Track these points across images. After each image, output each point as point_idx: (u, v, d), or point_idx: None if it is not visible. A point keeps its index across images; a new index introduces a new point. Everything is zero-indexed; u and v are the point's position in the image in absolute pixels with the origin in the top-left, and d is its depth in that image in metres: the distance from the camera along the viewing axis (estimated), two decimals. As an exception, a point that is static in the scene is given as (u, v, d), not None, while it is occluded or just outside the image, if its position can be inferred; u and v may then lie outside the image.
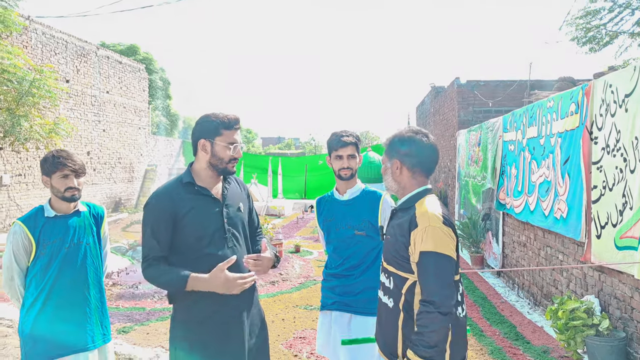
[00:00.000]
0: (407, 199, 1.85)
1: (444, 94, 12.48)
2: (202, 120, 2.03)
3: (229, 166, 2.03)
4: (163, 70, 24.54)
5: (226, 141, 1.99)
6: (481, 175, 8.30)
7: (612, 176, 4.04)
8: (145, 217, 1.99)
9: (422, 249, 1.68)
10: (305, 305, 5.63)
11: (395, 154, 1.85)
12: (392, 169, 1.87)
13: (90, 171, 14.23)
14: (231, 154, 2.01)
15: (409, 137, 1.86)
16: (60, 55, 12.66)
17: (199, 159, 2.04)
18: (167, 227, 1.94)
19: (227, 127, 1.99)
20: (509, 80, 9.75)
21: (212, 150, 1.99)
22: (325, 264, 2.71)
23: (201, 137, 2.00)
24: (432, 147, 1.87)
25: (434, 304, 1.63)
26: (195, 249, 1.96)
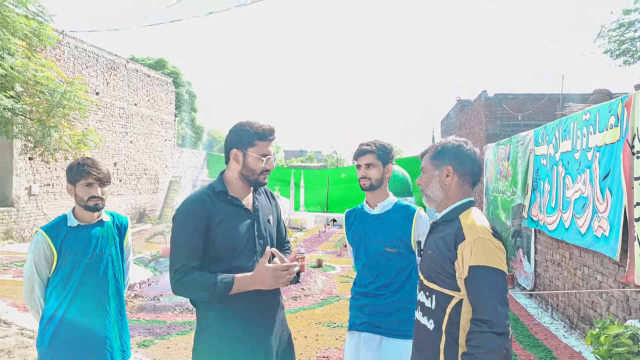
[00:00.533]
0: (450, 210, 1.74)
1: (471, 107, 12.25)
2: (236, 129, 1.97)
3: (260, 178, 1.97)
4: (190, 84, 24.98)
5: (259, 153, 1.93)
6: (511, 190, 8.03)
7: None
8: (178, 224, 1.90)
9: (472, 264, 1.56)
10: (328, 322, 5.47)
11: (448, 160, 1.76)
12: (440, 177, 1.77)
13: (116, 182, 14.46)
14: (263, 166, 1.95)
15: (459, 144, 1.78)
16: (91, 69, 13.00)
17: (231, 168, 1.98)
18: (202, 235, 1.87)
19: (261, 138, 1.94)
20: (539, 93, 9.50)
21: (244, 161, 1.94)
22: (354, 281, 2.56)
23: (234, 146, 1.95)
24: (479, 159, 1.80)
25: (488, 323, 1.50)
26: (224, 261, 1.88)
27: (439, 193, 1.77)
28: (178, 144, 21.13)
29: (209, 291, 1.80)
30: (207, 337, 1.91)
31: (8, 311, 5.43)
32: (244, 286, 1.83)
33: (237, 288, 1.82)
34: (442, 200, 1.77)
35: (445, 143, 1.80)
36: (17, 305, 5.64)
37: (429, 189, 1.79)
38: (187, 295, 1.89)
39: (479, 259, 1.55)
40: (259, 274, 1.84)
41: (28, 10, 7.83)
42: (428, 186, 1.79)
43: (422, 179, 1.82)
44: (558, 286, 5.88)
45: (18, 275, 7.41)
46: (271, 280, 1.84)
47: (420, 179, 1.83)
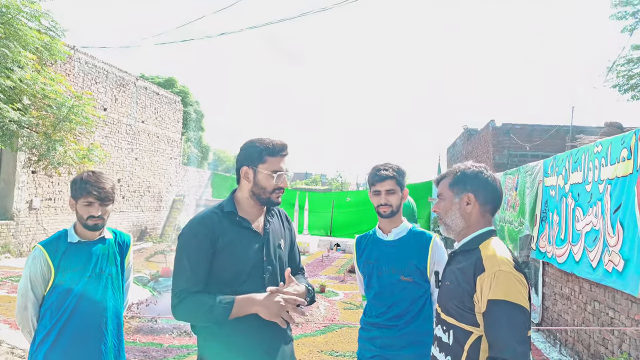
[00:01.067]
0: (470, 240, 1.64)
1: (478, 136, 12.23)
2: (246, 146, 1.89)
3: (272, 196, 1.87)
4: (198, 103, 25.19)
5: (270, 169, 1.84)
6: (518, 220, 7.91)
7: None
8: (182, 245, 1.81)
9: (490, 297, 1.46)
10: (330, 350, 5.29)
11: (468, 187, 1.67)
12: (460, 204, 1.67)
13: (119, 199, 14.40)
14: (275, 183, 1.85)
15: (479, 170, 1.69)
16: (100, 84, 13.12)
17: (242, 187, 1.89)
18: (206, 257, 1.77)
19: (272, 154, 1.85)
20: (548, 125, 9.47)
21: (255, 178, 1.85)
22: (364, 311, 2.44)
23: (244, 164, 1.87)
24: (500, 187, 1.72)
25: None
26: (229, 286, 1.77)
27: (459, 222, 1.67)
28: (183, 162, 21.16)
29: (208, 313, 1.69)
30: None
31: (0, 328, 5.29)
32: (245, 307, 1.71)
33: (237, 309, 1.70)
34: (461, 230, 1.67)
35: (465, 169, 1.71)
36: (9, 322, 5.49)
37: (448, 218, 1.70)
38: (187, 319, 1.80)
39: (499, 292, 1.45)
40: (265, 296, 1.72)
41: (41, 25, 7.93)
42: (447, 214, 1.70)
43: (440, 207, 1.72)
44: (567, 320, 5.70)
45: (13, 290, 7.27)
46: (277, 308, 1.70)
47: (438, 206, 1.74)
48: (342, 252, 15.02)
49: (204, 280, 1.77)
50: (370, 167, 2.44)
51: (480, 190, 1.65)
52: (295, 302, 1.74)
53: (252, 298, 1.72)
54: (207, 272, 1.77)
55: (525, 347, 1.42)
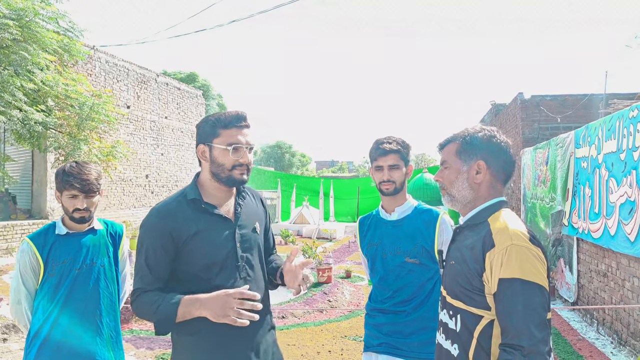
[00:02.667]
0: (477, 213, 1.45)
1: (506, 110, 11.78)
2: (201, 124, 1.70)
3: (234, 173, 1.64)
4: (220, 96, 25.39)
5: (225, 142, 1.62)
6: (549, 196, 7.57)
7: None
8: (140, 239, 1.64)
9: (502, 276, 1.28)
10: (354, 336, 5.21)
11: (479, 154, 1.46)
12: (469, 173, 1.47)
13: (148, 194, 14.69)
14: (233, 158, 1.62)
15: (491, 134, 1.48)
16: (122, 83, 13.32)
17: (203, 169, 1.71)
18: (167, 253, 1.60)
19: (226, 126, 1.63)
20: (580, 94, 8.98)
21: (211, 155, 1.65)
22: (369, 296, 2.29)
23: (199, 142, 1.69)
24: (512, 153, 1.51)
25: (522, 350, 1.22)
26: (201, 280, 1.61)
27: (467, 193, 1.47)
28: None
29: (153, 314, 1.54)
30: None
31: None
32: (191, 308, 1.52)
33: (183, 310, 1.52)
34: (469, 202, 1.48)
35: (475, 132, 1.49)
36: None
37: (454, 188, 1.49)
38: (142, 318, 1.66)
39: (512, 270, 1.26)
40: (211, 297, 1.52)
41: (59, 27, 8.04)
42: (453, 185, 1.49)
43: (445, 176, 1.51)
44: (604, 299, 5.40)
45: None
46: (221, 308, 1.50)
47: (441, 174, 1.53)
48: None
49: (162, 279, 1.61)
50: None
51: (492, 157, 1.45)
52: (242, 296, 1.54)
53: (197, 298, 1.53)
54: (166, 270, 1.62)
55: (545, 332, 1.24)
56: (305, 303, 6.55)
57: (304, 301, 6.66)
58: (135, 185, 13.99)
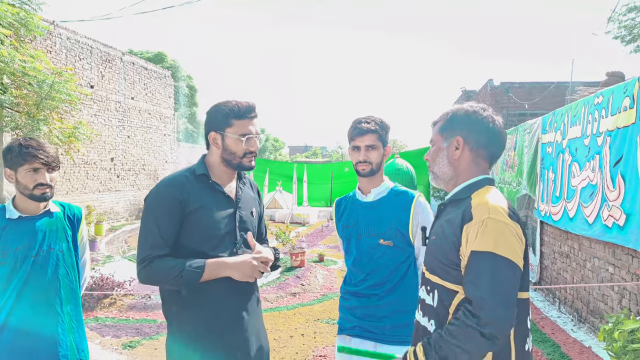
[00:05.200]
0: (461, 189, 1.44)
1: (476, 97, 11.96)
2: (212, 110, 1.82)
3: (244, 161, 1.80)
4: (190, 78, 24.73)
5: (238, 132, 1.77)
6: (516, 181, 7.77)
7: (676, 178, 3.52)
8: (149, 207, 1.72)
9: (474, 248, 1.27)
10: (327, 319, 5.23)
11: (457, 130, 1.46)
12: (448, 150, 1.47)
13: (114, 177, 14.25)
14: (245, 147, 1.78)
15: (474, 110, 1.47)
16: (84, 61, 12.76)
17: (212, 153, 1.83)
18: (175, 220, 1.70)
19: (239, 116, 1.77)
20: (547, 82, 9.19)
21: (224, 143, 1.78)
22: (344, 279, 2.27)
23: (211, 129, 1.80)
24: (501, 130, 1.49)
25: (479, 320, 1.22)
26: (200, 252, 1.71)
27: (447, 170, 1.47)
28: (178, 139, 20.92)
29: (177, 277, 1.63)
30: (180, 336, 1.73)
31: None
32: (217, 271, 1.67)
33: (209, 273, 1.66)
34: (450, 179, 1.48)
35: (458, 109, 1.49)
36: None
37: (435, 165, 1.50)
38: (154, 283, 1.73)
39: (485, 243, 1.25)
40: (238, 259, 1.70)
41: (13, -2, 7.58)
42: (435, 161, 1.51)
43: (430, 154, 1.53)
44: (566, 279, 5.61)
45: None
46: (250, 269, 1.70)
47: (428, 153, 1.54)
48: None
49: (170, 244, 1.70)
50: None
51: (471, 133, 1.44)
52: (267, 261, 1.76)
53: (224, 262, 1.69)
54: (174, 236, 1.70)
55: (509, 310, 1.23)
56: (279, 287, 6.53)
57: (277, 285, 6.64)
58: (100, 168, 13.53)
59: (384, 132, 2.13)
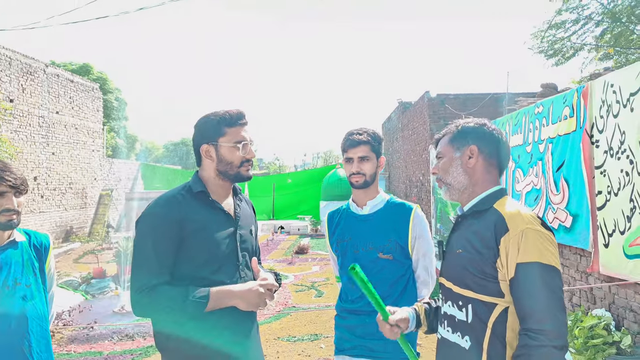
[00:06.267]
0: (480, 200, 1.43)
1: (413, 108, 12.38)
2: (201, 122, 1.71)
3: (241, 170, 1.69)
4: (119, 90, 23.48)
5: (232, 140, 1.67)
6: (459, 187, 8.09)
7: (617, 180, 3.80)
8: (145, 229, 1.58)
9: (520, 260, 1.25)
10: (287, 336, 5.06)
11: (470, 140, 1.47)
12: (462, 159, 1.46)
13: (38, 198, 13.09)
14: (241, 155, 1.67)
15: (482, 123, 1.50)
16: (3, 73, 11.66)
17: (205, 167, 1.71)
18: (174, 244, 1.56)
19: (231, 124, 1.67)
20: (482, 93, 9.72)
21: (218, 154, 1.67)
22: (339, 295, 2.18)
23: (203, 141, 1.68)
24: (508, 142, 1.52)
25: (546, 335, 1.19)
26: (200, 277, 1.57)
27: (462, 179, 1.46)
28: (108, 154, 19.73)
29: (180, 310, 1.49)
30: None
31: None
32: (222, 300, 1.54)
33: (214, 303, 1.53)
34: (466, 188, 1.46)
35: (465, 123, 1.52)
36: None
37: (449, 176, 1.48)
38: (152, 316, 1.58)
39: (529, 254, 1.25)
40: (245, 288, 1.58)
41: None
42: (448, 172, 1.48)
43: (440, 166, 1.51)
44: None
45: None
46: (256, 297, 1.58)
47: (436, 166, 1.53)
48: (286, 234, 14.80)
49: (170, 270, 1.55)
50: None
51: (483, 142, 1.46)
52: (272, 289, 1.65)
53: (230, 290, 1.56)
54: (172, 261, 1.56)
55: (565, 315, 1.25)
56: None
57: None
58: (22, 188, 12.34)
59: (377, 143, 2.11)
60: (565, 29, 9.66)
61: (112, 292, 7.34)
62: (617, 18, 8.66)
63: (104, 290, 7.42)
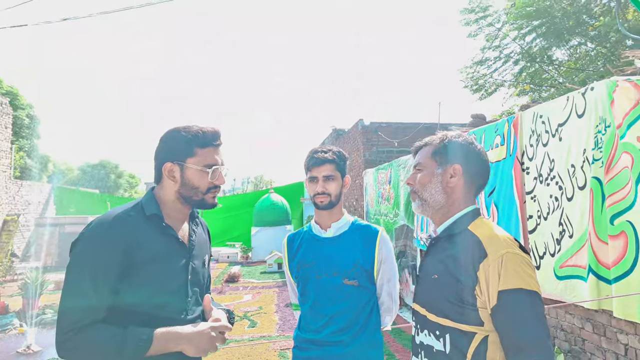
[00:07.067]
0: (454, 222, 1.36)
1: (347, 135, 12.63)
2: (168, 137, 1.51)
3: (207, 197, 1.51)
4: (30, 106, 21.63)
5: (202, 163, 1.48)
6: (393, 212, 8.24)
7: (546, 205, 4.03)
8: (82, 256, 1.35)
9: (502, 287, 1.19)
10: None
11: (455, 158, 1.39)
12: (443, 176, 1.39)
13: None
14: (210, 181, 1.49)
15: (470, 141, 1.43)
16: None
17: (165, 188, 1.51)
18: (116, 275, 1.34)
19: (203, 144, 1.49)
20: (413, 122, 10.17)
21: (183, 176, 1.48)
22: (298, 325, 2.02)
23: (167, 159, 1.48)
24: (489, 163, 1.47)
25: None
26: (142, 313, 1.37)
27: (439, 197, 1.39)
28: (16, 175, 17.94)
29: (116, 354, 1.28)
30: None
31: None
32: (167, 344, 1.34)
33: (157, 346, 1.32)
34: (441, 207, 1.39)
35: (453, 137, 1.44)
36: None
37: (426, 191, 1.40)
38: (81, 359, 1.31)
39: (512, 280, 1.19)
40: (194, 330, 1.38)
41: None
42: (426, 188, 1.40)
43: (417, 179, 1.43)
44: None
45: None
46: (207, 342, 1.39)
47: (413, 178, 1.44)
48: (215, 262, 14.21)
49: (107, 306, 1.34)
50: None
51: (468, 162, 1.40)
52: (225, 330, 1.45)
53: (177, 333, 1.36)
54: (112, 295, 1.34)
55: (550, 340, 1.20)
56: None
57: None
58: None
59: (342, 162, 2.02)
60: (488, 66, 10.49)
61: (16, 330, 6.50)
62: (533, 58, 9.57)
63: (6, 328, 6.55)
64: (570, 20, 8.49)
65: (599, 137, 3.36)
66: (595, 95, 3.39)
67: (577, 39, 9.19)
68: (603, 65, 8.22)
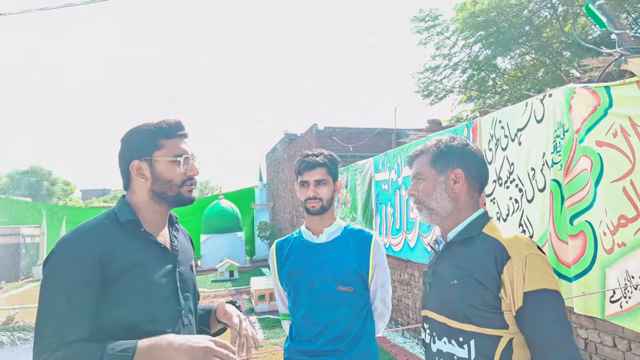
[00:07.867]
0: (467, 226, 1.35)
1: (301, 140, 12.60)
2: (130, 136, 1.41)
3: (182, 191, 1.41)
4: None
5: (171, 154, 1.39)
6: (350, 216, 8.29)
7: (505, 207, 4.18)
8: (54, 273, 1.23)
9: (527, 289, 1.20)
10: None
11: (455, 162, 1.38)
12: (447, 183, 1.38)
13: None
14: (183, 171, 1.39)
15: (466, 143, 1.42)
16: None
17: (136, 190, 1.40)
18: (95, 289, 1.22)
19: (168, 135, 1.40)
20: (368, 128, 10.31)
21: (154, 172, 1.38)
22: (289, 335, 1.93)
23: (132, 157, 1.39)
24: (485, 161, 1.46)
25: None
26: (130, 327, 1.24)
27: (447, 204, 1.37)
28: None
29: None
30: None
31: None
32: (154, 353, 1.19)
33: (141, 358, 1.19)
34: (450, 214, 1.37)
35: (449, 141, 1.42)
36: None
37: (432, 200, 1.38)
38: None
39: (537, 281, 1.20)
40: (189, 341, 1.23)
41: None
42: (431, 197, 1.38)
43: (420, 189, 1.40)
44: (408, 305, 6.10)
45: None
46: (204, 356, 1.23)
47: (415, 188, 1.42)
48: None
49: (89, 325, 1.21)
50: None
51: (468, 164, 1.39)
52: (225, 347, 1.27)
53: (167, 341, 1.21)
54: (92, 312, 1.21)
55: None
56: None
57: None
58: None
59: (334, 166, 1.97)
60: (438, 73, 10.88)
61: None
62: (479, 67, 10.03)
63: None
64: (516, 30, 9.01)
65: (558, 141, 3.52)
66: (554, 102, 3.56)
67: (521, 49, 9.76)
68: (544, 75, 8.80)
